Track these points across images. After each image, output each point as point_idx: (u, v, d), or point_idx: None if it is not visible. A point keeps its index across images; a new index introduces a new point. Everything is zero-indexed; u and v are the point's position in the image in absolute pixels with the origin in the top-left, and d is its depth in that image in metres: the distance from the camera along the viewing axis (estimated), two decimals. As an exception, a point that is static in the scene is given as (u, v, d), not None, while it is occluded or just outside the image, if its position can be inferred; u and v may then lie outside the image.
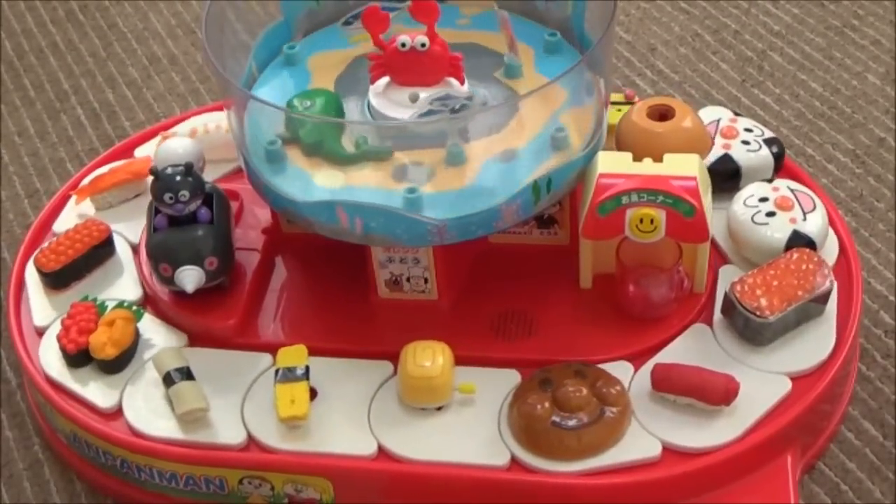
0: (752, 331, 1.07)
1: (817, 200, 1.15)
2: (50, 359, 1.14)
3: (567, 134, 1.06)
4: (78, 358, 1.12)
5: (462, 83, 1.09)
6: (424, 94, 1.08)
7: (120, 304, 1.15)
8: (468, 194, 1.04)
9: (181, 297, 1.12)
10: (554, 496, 1.01)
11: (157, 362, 1.09)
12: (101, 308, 1.14)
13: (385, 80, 1.10)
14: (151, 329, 1.15)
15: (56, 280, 1.19)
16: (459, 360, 1.07)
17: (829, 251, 1.15)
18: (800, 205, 1.13)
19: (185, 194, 1.09)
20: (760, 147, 1.19)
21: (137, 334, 1.13)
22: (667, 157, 1.07)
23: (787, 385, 1.05)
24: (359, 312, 1.14)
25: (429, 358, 1.04)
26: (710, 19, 1.60)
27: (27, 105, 1.56)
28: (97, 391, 1.11)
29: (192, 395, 1.06)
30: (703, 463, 1.01)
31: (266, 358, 1.10)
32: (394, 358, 1.07)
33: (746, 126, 1.21)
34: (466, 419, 1.05)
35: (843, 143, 1.40)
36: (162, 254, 1.10)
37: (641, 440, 1.03)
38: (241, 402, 1.08)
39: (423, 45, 1.07)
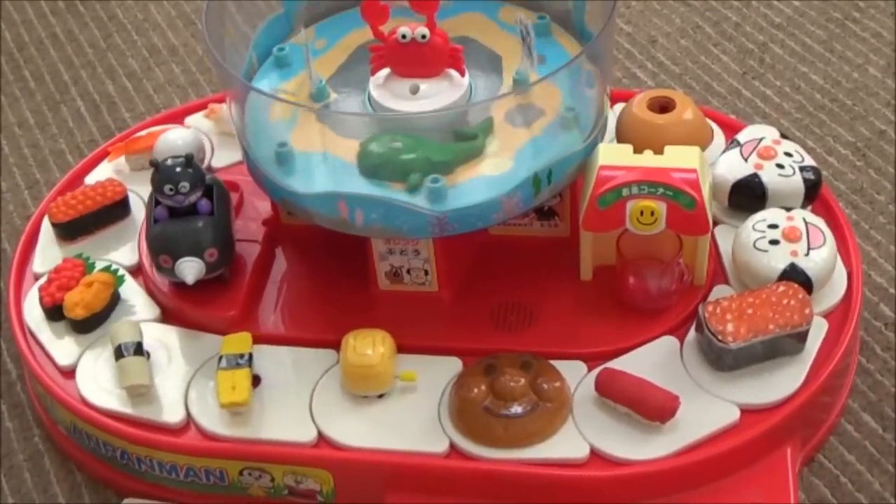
0: (714, 354, 1.04)
1: (829, 238, 1.09)
2: (34, 306, 1.15)
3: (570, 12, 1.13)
4: (52, 312, 1.13)
5: (462, 75, 1.09)
6: (424, 85, 1.08)
7: (106, 268, 1.15)
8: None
9: (181, 289, 1.12)
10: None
11: (112, 334, 1.10)
12: (90, 267, 1.15)
13: (385, 71, 1.10)
14: (131, 297, 1.15)
15: (64, 232, 1.20)
16: (458, 352, 1.08)
17: (837, 289, 1.11)
18: (808, 239, 1.09)
19: (185, 186, 1.09)
20: (794, 173, 1.14)
21: (115, 299, 1.14)
22: (667, 149, 1.07)
23: (735, 415, 1.02)
24: (359, 304, 1.13)
25: (369, 346, 1.04)
26: (711, 11, 1.59)
27: (27, 96, 1.56)
28: (61, 348, 1.12)
29: (136, 370, 1.07)
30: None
31: (219, 340, 1.10)
32: (394, 350, 1.07)
33: (787, 150, 1.16)
34: (407, 406, 1.05)
35: (843, 136, 1.40)
36: (162, 245, 1.10)
37: (572, 440, 1.02)
38: (188, 384, 1.08)
39: (423, 36, 1.07)
